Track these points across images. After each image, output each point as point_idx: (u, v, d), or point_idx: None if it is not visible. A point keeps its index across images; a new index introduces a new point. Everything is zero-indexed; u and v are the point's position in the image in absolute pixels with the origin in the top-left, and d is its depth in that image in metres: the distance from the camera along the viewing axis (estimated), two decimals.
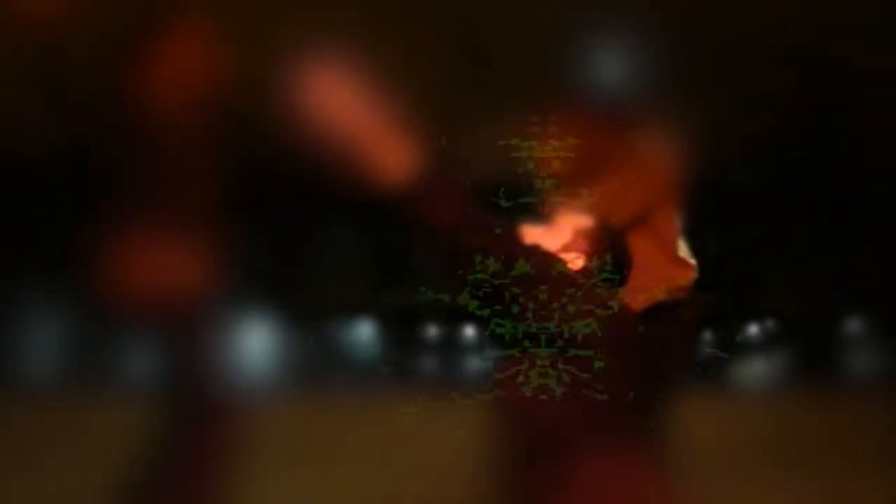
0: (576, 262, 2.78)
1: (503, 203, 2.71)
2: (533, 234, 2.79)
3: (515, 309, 2.70)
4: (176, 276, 4.63)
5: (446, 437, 6.38)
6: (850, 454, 7.52)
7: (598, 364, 2.74)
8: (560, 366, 2.75)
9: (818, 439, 8.30)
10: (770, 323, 13.70)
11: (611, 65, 3.08)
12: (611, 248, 2.80)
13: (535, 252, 2.71)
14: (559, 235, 2.82)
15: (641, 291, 2.84)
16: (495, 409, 2.82)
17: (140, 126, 4.56)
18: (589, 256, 2.75)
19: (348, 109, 2.64)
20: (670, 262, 2.94)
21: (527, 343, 2.75)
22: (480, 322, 2.77)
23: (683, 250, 2.97)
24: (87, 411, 8.57)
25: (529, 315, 2.71)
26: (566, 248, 2.82)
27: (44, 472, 6.17)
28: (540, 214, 2.74)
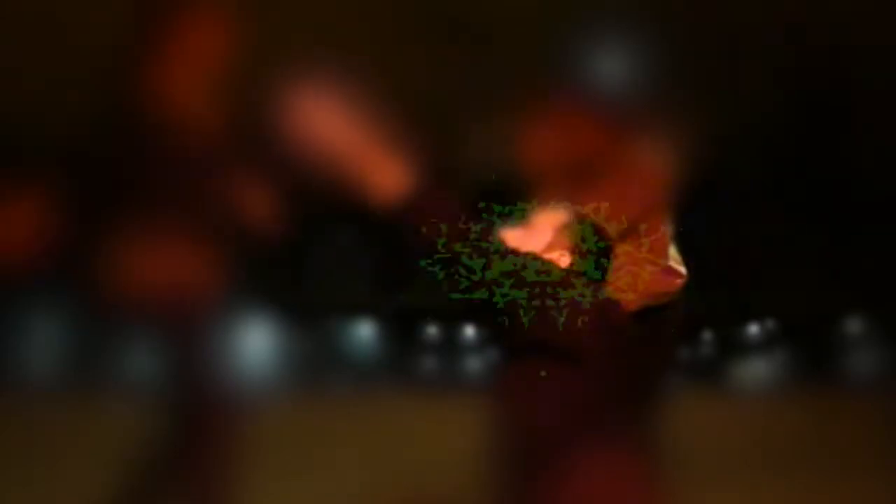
0: (562, 259, 2.76)
1: (496, 210, 2.70)
2: (514, 236, 2.77)
3: (508, 310, 2.70)
4: (177, 277, 4.63)
5: (445, 436, 6.37)
6: (849, 453, 7.51)
7: (590, 363, 2.74)
8: (554, 365, 2.75)
9: (817, 438, 8.29)
10: (770, 323, 13.73)
11: (604, 69, 3.08)
12: (594, 245, 2.79)
13: (523, 254, 2.70)
14: (541, 235, 2.81)
15: (628, 297, 2.82)
16: (492, 409, 2.82)
17: (142, 129, 4.56)
18: (573, 253, 2.73)
19: (341, 125, 2.64)
20: (660, 269, 2.90)
21: (521, 343, 2.76)
22: (477, 323, 2.78)
23: (674, 258, 2.94)
24: (87, 411, 8.59)
25: (523, 315, 2.71)
26: (550, 247, 2.80)
27: (44, 472, 6.18)
28: (527, 219, 2.72)
